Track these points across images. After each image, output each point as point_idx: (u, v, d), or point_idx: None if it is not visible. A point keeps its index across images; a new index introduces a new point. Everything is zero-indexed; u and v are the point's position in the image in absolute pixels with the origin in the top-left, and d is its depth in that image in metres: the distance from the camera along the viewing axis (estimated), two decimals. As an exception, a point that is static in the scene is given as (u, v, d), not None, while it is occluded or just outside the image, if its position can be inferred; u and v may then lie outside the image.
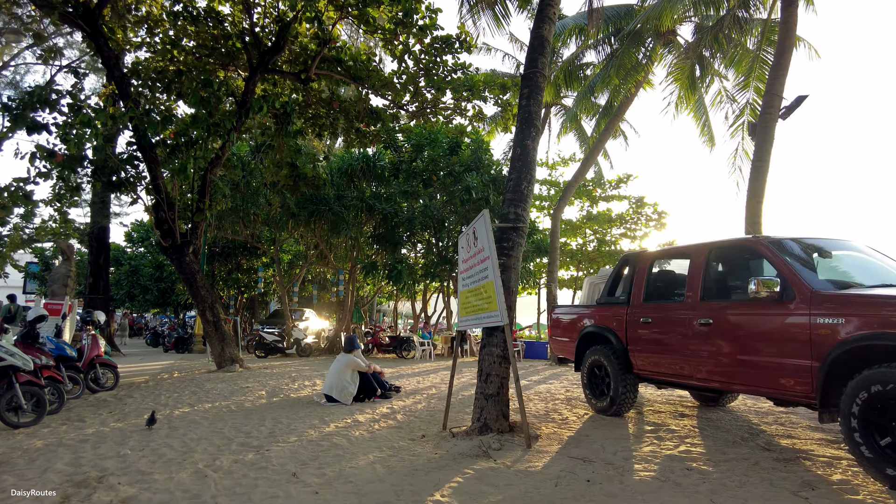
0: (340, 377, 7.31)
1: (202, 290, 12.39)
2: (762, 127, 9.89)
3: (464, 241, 6.10)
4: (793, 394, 4.33)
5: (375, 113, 15.71)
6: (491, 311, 5.14)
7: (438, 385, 9.54)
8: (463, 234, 6.18)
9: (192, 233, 12.38)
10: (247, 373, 11.69)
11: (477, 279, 5.54)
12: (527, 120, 6.32)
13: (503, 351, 5.44)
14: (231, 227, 19.25)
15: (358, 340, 7.99)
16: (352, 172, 18.95)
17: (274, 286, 25.95)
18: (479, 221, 5.36)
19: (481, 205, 18.34)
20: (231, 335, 12.87)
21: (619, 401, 6.20)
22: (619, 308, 6.34)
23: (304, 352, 18.32)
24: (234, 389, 8.74)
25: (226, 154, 13.12)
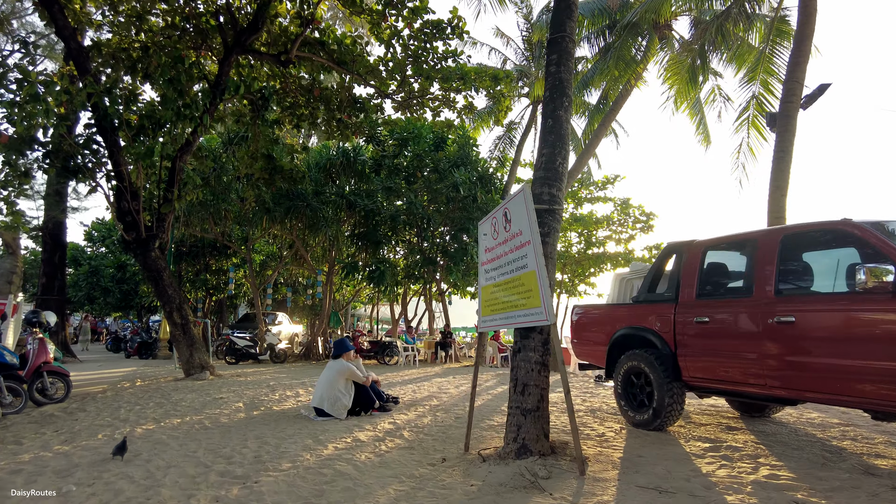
0: (333, 387, 6.30)
1: (169, 289, 11.20)
2: (783, 116, 9.26)
3: (487, 228, 5.19)
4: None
5: (359, 103, 14.71)
6: (531, 308, 4.23)
7: (437, 395, 8.58)
8: (486, 219, 5.26)
9: (158, 225, 11.19)
10: (218, 381, 10.54)
11: (509, 270, 4.62)
12: (557, 88, 5.45)
13: (543, 356, 4.53)
14: (200, 224, 17.97)
15: (350, 342, 6.98)
16: (330, 167, 17.89)
17: (245, 288, 24.61)
18: (517, 200, 4.45)
19: (468, 203, 17.49)
20: (201, 339, 11.69)
21: (664, 413, 5.35)
22: (665, 306, 5.50)
23: (278, 358, 17.13)
24: (207, 401, 7.63)
25: (197, 140, 11.98)
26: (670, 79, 15.45)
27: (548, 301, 4.05)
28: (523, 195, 4.33)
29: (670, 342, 5.36)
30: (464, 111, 14.85)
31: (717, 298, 5.15)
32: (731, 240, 5.27)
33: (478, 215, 17.36)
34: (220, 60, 12.33)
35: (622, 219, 23.40)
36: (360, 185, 18.17)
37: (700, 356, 5.05)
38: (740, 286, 5.00)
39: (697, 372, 5.10)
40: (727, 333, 4.81)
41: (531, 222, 4.22)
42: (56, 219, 16.43)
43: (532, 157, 26.23)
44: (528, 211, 4.25)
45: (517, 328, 4.67)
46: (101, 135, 10.56)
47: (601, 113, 16.51)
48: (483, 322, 5.16)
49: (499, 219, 4.86)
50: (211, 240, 21.20)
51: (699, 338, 5.06)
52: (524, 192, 4.33)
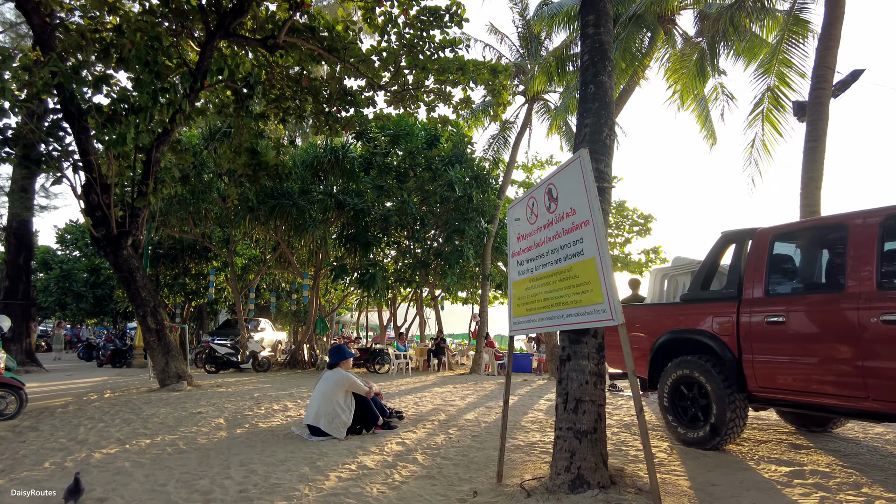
0: (331, 401, 5.40)
1: (143, 291, 10.20)
2: (815, 104, 8.60)
3: (520, 211, 4.36)
4: None
5: (350, 95, 13.84)
6: (589, 305, 3.40)
7: (443, 407, 7.70)
8: (519, 202, 4.44)
9: (131, 221, 10.21)
10: (196, 392, 9.56)
11: (554, 259, 3.79)
12: (597, 50, 4.65)
13: (598, 365, 3.70)
14: (178, 224, 16.93)
15: (348, 349, 6.09)
16: (318, 166, 16.95)
17: (226, 293, 23.51)
18: (569, 171, 3.62)
19: (462, 203, 16.69)
20: (177, 346, 10.69)
21: (725, 430, 4.55)
22: (724, 305, 4.71)
23: (261, 367, 16.11)
24: (183, 416, 6.68)
25: (175, 130, 11.03)
26: (673, 75, 14.83)
27: (613, 295, 3.23)
28: (580, 163, 3.50)
29: (732, 347, 4.56)
30: (460, 105, 14.06)
31: (794, 294, 4.37)
32: (807, 225, 4.49)
33: (473, 216, 16.56)
34: (201, 45, 11.42)
35: (619, 221, 22.77)
36: (349, 185, 17.27)
37: (773, 363, 4.26)
38: (825, 279, 4.22)
39: (769, 381, 4.30)
40: (811, 336, 4.03)
41: (590, 197, 3.40)
42: (21, 217, 15.28)
43: (527, 158, 25.60)
44: (587, 183, 3.43)
45: (565, 331, 3.83)
46: (67, 120, 9.59)
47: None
48: (516, 324, 4.32)
49: (539, 198, 4.03)
50: (190, 241, 20.14)
51: (772, 341, 4.27)
52: (581, 158, 3.50)
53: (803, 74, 11.03)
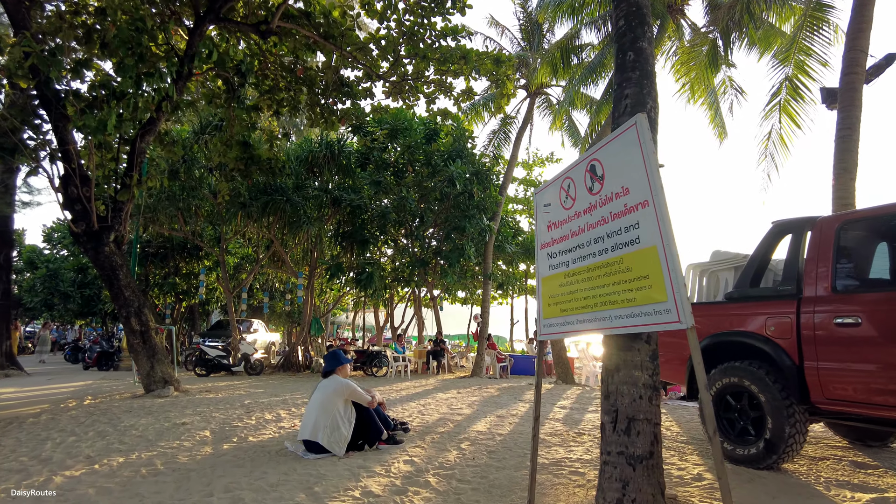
0: (329, 412, 4.78)
1: (126, 290, 9.54)
2: (847, 90, 8.05)
3: (551, 195, 3.77)
4: None
5: (346, 86, 13.21)
6: (648, 304, 2.81)
7: (450, 417, 7.09)
8: (549, 184, 3.85)
9: (114, 216, 9.56)
10: (183, 398, 8.92)
11: (599, 250, 3.20)
12: (635, 14, 4.07)
13: (653, 376, 3.11)
14: (168, 221, 16.25)
15: (345, 354, 5.47)
16: (312, 161, 16.29)
17: (217, 293, 22.83)
18: (622, 141, 3.02)
19: (463, 200, 16.08)
20: (164, 349, 10.04)
21: (783, 447, 3.97)
22: (780, 304, 4.13)
23: (253, 369, 15.46)
24: (165, 428, 6.04)
25: (162, 119, 10.38)
26: (682, 67, 14.32)
27: (680, 292, 2.63)
28: (636, 130, 2.90)
29: (791, 351, 3.98)
30: (462, 97, 13.44)
31: (870, 291, 3.79)
32: (882, 213, 3.90)
33: (474, 213, 15.95)
34: (190, 31, 10.79)
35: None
36: (345, 181, 16.64)
37: (846, 371, 3.68)
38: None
39: (840, 392, 3.72)
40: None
41: (651, 172, 2.80)
42: (1, 213, 14.57)
43: (527, 155, 25.00)
44: (646, 154, 2.83)
45: (612, 336, 3.24)
46: (43, 107, 8.93)
47: (609, 103, 15.24)
48: (548, 327, 3.71)
49: (577, 178, 3.43)
50: (181, 240, 19.48)
51: (844, 345, 3.69)
52: (637, 124, 2.90)
53: (825, 63, 10.50)
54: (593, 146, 3.35)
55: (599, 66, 15.25)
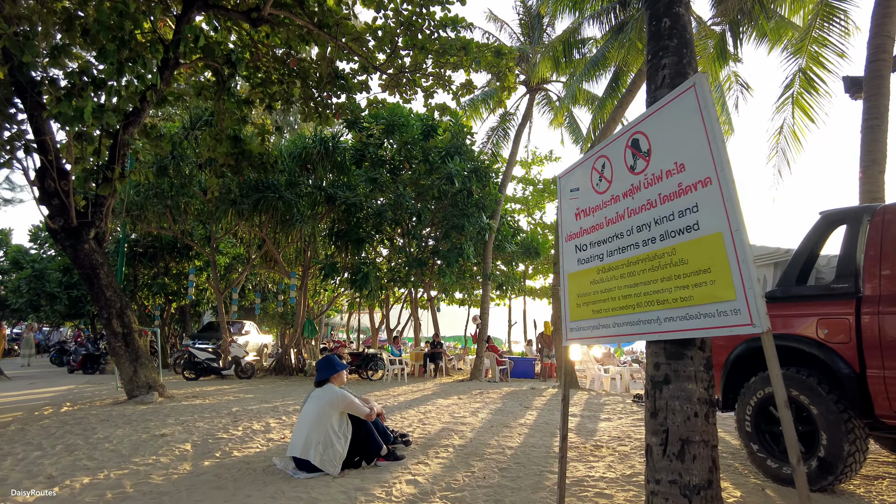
0: (322, 426, 4.26)
1: (107, 290, 8.99)
2: (873, 78, 7.62)
3: (579, 178, 3.28)
4: None
5: (341, 79, 12.71)
6: (711, 303, 2.32)
7: (454, 427, 6.58)
8: (577, 165, 3.36)
9: (94, 212, 9.01)
10: (168, 405, 8.37)
11: (643, 239, 2.71)
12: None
13: (708, 389, 2.62)
14: (156, 219, 15.67)
15: (341, 360, 4.95)
16: (306, 157, 15.76)
17: (208, 294, 22.23)
18: (676, 107, 2.54)
19: (461, 198, 15.59)
20: (147, 352, 9.49)
21: (842, 468, 3.49)
22: (835, 304, 3.65)
23: (244, 373, 14.90)
24: (142, 440, 5.50)
25: (148, 110, 9.85)
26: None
27: (752, 289, 2.14)
28: (694, 92, 2.41)
29: (850, 358, 3.50)
30: (461, 91, 12.94)
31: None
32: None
33: (473, 211, 15.45)
34: (177, 18, 10.26)
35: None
36: (340, 178, 16.12)
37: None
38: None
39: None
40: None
41: (715, 142, 2.31)
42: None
43: (526, 154, 24.56)
44: (707, 122, 2.34)
45: (658, 342, 2.74)
46: (17, 94, 8.37)
47: (612, 98, 14.79)
48: (576, 330, 3.22)
49: (615, 156, 2.94)
50: (170, 239, 18.91)
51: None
52: (697, 85, 2.41)
53: (842, 54, 10.08)
54: (639, 115, 2.85)
55: (602, 61, 14.81)
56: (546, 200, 23.60)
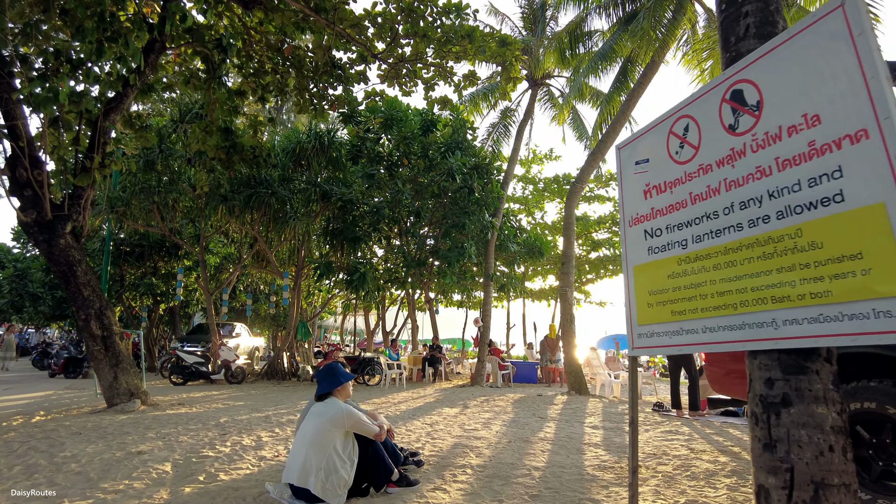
0: (322, 450, 3.60)
1: (85, 289, 8.30)
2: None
3: (648, 147, 2.67)
4: None
5: (338, 69, 12.06)
6: (865, 299, 1.71)
7: (468, 441, 5.94)
8: (644, 132, 2.75)
9: (71, 204, 8.32)
10: (150, 414, 7.69)
11: (749, 218, 2.09)
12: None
13: (840, 413, 2.00)
14: (143, 216, 14.94)
15: (345, 369, 4.27)
16: (300, 153, 15.08)
17: (197, 294, 21.49)
18: (808, 39, 1.93)
19: (461, 195, 14.97)
20: (129, 357, 8.78)
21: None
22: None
23: (234, 377, 14.20)
24: (115, 460, 4.83)
25: (132, 96, 9.18)
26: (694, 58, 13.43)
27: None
28: (843, 14, 1.80)
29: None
30: (463, 83, 12.32)
31: None
32: None
33: (474, 209, 14.83)
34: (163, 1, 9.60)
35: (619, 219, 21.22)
36: (335, 174, 15.45)
37: None
38: None
39: None
40: None
41: (875, 78, 1.70)
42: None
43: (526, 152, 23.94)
44: (864, 53, 1.73)
45: (772, 351, 2.12)
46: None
47: (620, 92, 14.20)
48: (647, 336, 2.60)
49: (703, 115, 2.33)
50: (158, 237, 18.16)
51: None
52: (846, 5, 1.79)
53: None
54: (731, 68, 2.24)
55: (610, 53, 14.25)
56: (546, 200, 23.03)
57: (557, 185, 21.68)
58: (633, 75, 14.08)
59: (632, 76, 14.10)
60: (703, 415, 7.75)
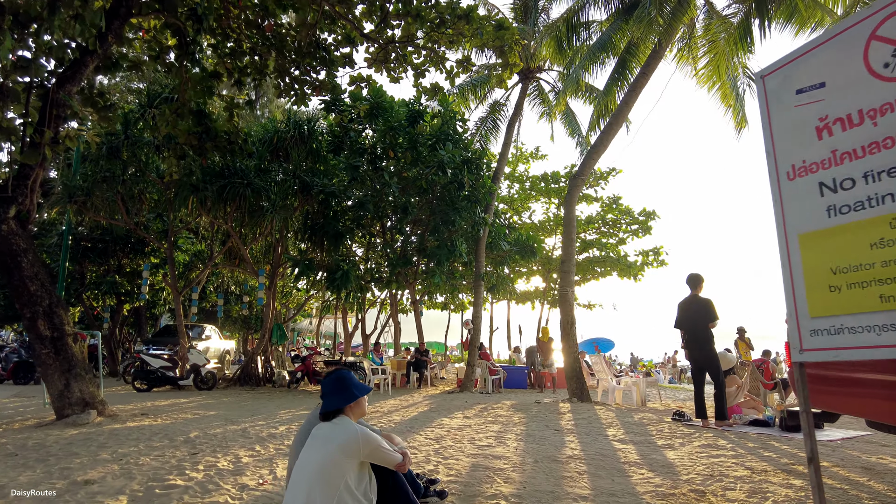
0: (331, 484, 2.69)
1: (31, 283, 7.21)
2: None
3: (826, 64, 1.84)
4: None
5: (323, 50, 11.19)
6: None
7: (487, 462, 5.07)
8: (824, 41, 1.92)
9: (16, 185, 7.25)
10: (107, 428, 6.66)
11: None
12: None
13: None
14: (106, 208, 13.72)
15: (360, 379, 3.32)
16: (278, 143, 14.07)
17: (165, 294, 20.21)
18: None
19: (451, 190, 14.13)
20: (84, 361, 7.69)
21: None
22: None
23: (204, 383, 13.10)
24: (54, 493, 3.84)
25: (91, 64, 8.14)
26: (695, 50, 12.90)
27: None
28: None
29: None
30: (458, 68, 11.53)
31: None
32: None
33: (464, 204, 14.00)
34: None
35: (617, 218, 20.66)
36: (316, 166, 14.46)
37: None
38: None
39: None
40: None
41: None
42: None
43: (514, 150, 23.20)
44: None
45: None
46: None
47: (618, 84, 13.51)
48: (828, 334, 1.77)
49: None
50: (123, 232, 16.86)
51: None
52: None
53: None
54: None
55: (609, 43, 13.61)
56: (532, 200, 22.34)
57: (545, 184, 21.00)
58: (631, 67, 13.43)
59: (630, 68, 13.45)
60: (731, 425, 7.04)
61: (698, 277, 7.44)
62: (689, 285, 7.48)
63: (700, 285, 7.43)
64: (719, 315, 7.21)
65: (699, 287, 7.44)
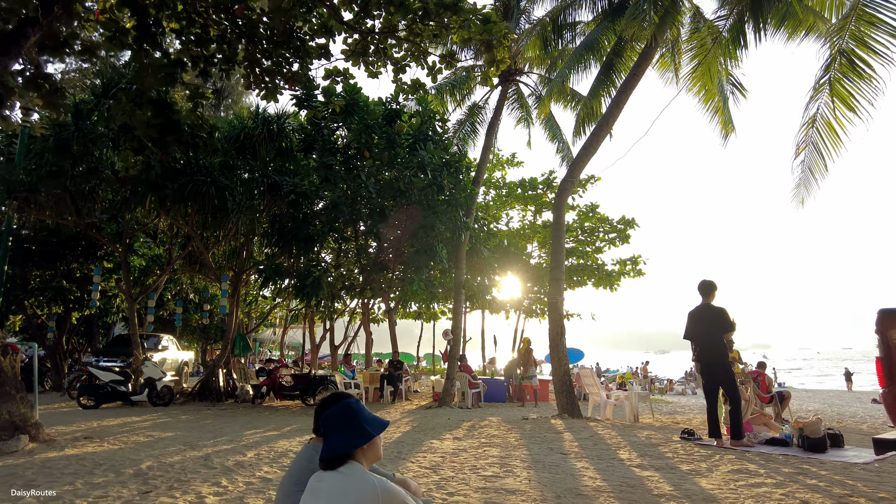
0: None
1: (-45, 285, 6.15)
2: None
3: None
4: None
5: (298, 39, 10.31)
6: None
7: (500, 496, 4.31)
8: None
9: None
10: (38, 457, 5.66)
11: None
12: None
13: None
14: (52, 206, 12.50)
15: (367, 411, 2.49)
16: (245, 140, 13.11)
17: (118, 301, 18.84)
18: None
19: (430, 192, 13.37)
20: (15, 378, 6.64)
21: None
22: None
23: (160, 399, 11.99)
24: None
25: (34, 37, 7.18)
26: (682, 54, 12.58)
27: None
28: None
29: None
30: (441, 63, 10.78)
31: None
32: None
33: (444, 208, 13.27)
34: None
35: (594, 226, 20.24)
36: (285, 165, 13.55)
37: None
38: None
39: None
40: None
41: None
42: None
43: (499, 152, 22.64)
44: None
45: None
46: None
47: (605, 87, 13.04)
48: None
49: None
50: (72, 233, 15.55)
51: None
52: None
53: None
54: None
55: (595, 45, 13.15)
56: (508, 207, 21.79)
57: (522, 191, 20.47)
58: (619, 69, 12.98)
59: (618, 70, 13.00)
60: (749, 445, 6.47)
61: (711, 285, 6.90)
62: (702, 293, 6.93)
63: (713, 293, 6.89)
64: (736, 324, 6.68)
65: (712, 295, 6.89)
